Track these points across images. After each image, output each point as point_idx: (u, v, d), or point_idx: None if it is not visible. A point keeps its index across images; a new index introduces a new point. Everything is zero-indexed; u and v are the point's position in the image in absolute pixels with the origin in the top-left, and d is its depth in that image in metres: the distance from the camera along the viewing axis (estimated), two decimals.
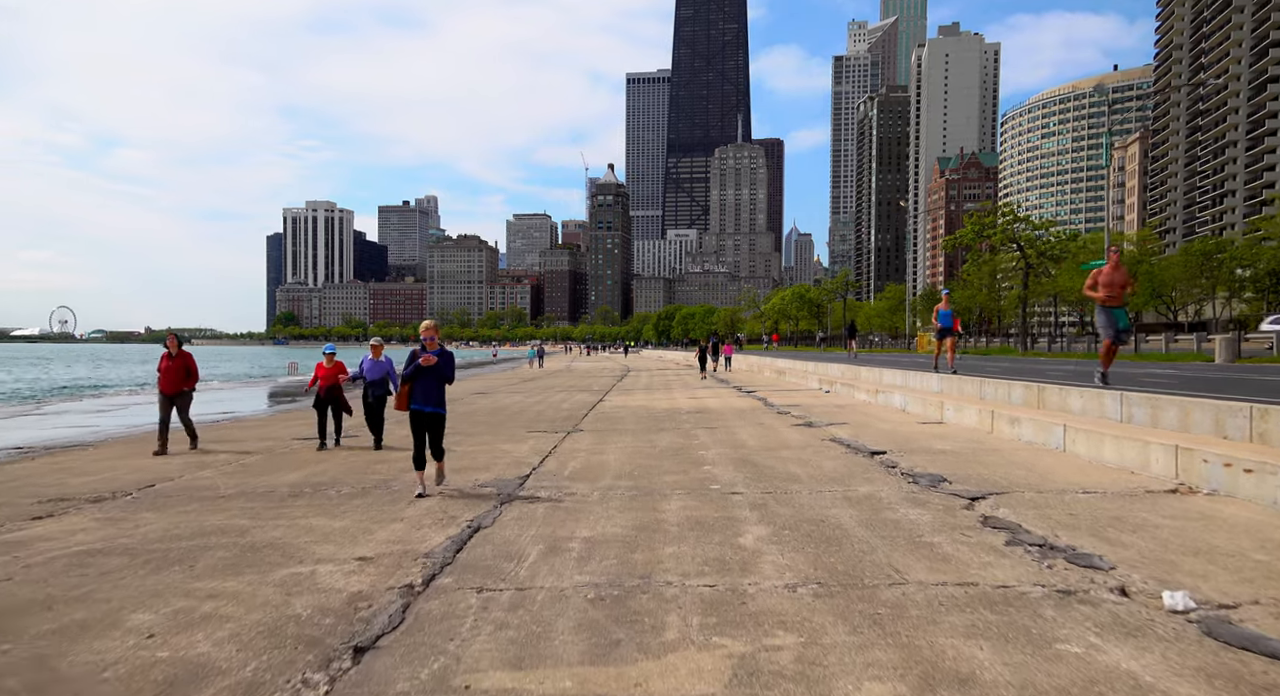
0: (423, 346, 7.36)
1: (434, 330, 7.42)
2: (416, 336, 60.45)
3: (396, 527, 5.93)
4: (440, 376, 7.29)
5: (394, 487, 7.79)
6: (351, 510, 6.66)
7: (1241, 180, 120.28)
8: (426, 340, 7.36)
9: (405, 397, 7.34)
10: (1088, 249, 48.28)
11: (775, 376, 30.01)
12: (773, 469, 8.38)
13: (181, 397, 11.40)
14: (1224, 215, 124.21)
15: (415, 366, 7.16)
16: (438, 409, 7.33)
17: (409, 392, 7.27)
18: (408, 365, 7.26)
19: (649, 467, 8.68)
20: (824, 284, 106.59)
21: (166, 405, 11.35)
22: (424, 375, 7.19)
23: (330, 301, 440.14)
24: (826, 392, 20.36)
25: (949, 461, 8.46)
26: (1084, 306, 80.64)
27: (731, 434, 11.81)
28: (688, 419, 14.42)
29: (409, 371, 7.20)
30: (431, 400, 7.28)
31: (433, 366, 7.18)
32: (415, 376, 7.20)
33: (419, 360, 7.12)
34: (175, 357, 11.35)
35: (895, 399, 15.23)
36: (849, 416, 13.96)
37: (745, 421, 13.66)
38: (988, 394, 12.71)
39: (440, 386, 7.33)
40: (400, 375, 7.32)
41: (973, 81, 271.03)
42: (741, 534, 5.51)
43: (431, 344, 7.34)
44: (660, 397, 20.62)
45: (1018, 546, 4.94)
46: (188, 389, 11.47)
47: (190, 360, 11.56)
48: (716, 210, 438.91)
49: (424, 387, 7.21)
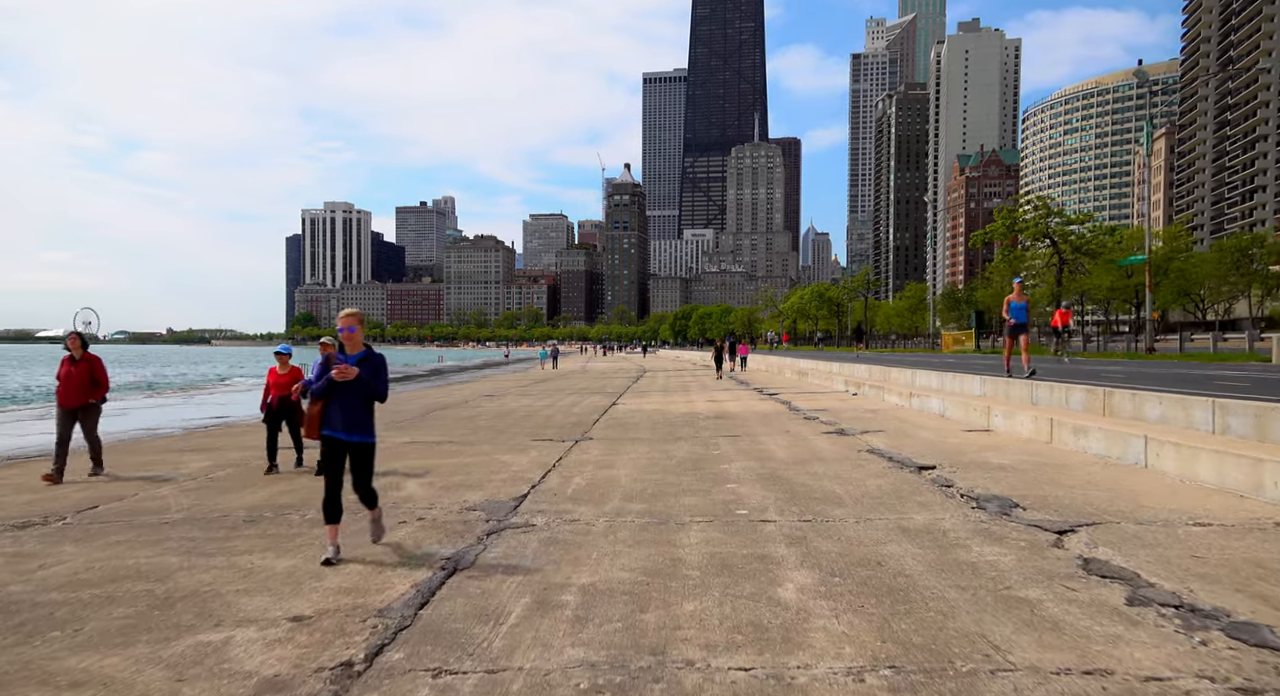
0: (340, 348, 5.31)
1: (355, 320, 5.24)
2: (433, 336, 59.12)
3: (353, 570, 4.85)
4: (365, 392, 5.23)
5: None
6: (309, 542, 5.60)
7: (1273, 175, 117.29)
8: (344, 336, 5.24)
9: (316, 421, 5.19)
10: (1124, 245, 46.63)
11: (797, 377, 28.80)
12: (807, 488, 7.24)
13: (87, 412, 9.05)
14: (1254, 211, 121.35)
15: (328, 379, 5.12)
16: (363, 436, 5.24)
17: (321, 414, 5.18)
18: (318, 375, 5.27)
19: (664, 485, 7.57)
20: (844, 282, 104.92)
21: (66, 421, 8.93)
22: (341, 391, 5.15)
23: (348, 302, 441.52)
24: (854, 395, 19.16)
25: (1013, 480, 7.29)
26: (1111, 304, 78.72)
27: (756, 443, 10.67)
28: (707, 425, 13.30)
29: (320, 384, 5.17)
30: (353, 424, 5.18)
31: (352, 381, 5.11)
32: (328, 392, 5.15)
33: (332, 371, 5.08)
34: (79, 362, 8.99)
35: (932, 403, 14.03)
36: (883, 423, 12.78)
37: (770, 428, 12.51)
38: (1041, 398, 11.48)
39: (366, 406, 5.27)
40: (310, 390, 5.28)
41: (993, 78, 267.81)
42: (780, 581, 4.39)
43: (352, 343, 5.24)
44: (677, 400, 19.51)
45: (1146, 608, 3.79)
46: (95, 401, 9.13)
47: (98, 366, 9.14)
48: (733, 210, 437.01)
49: (342, 407, 5.15)
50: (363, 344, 5.31)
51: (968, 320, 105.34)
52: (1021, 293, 14.52)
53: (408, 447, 11.11)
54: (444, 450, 10.76)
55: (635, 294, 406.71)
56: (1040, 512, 5.90)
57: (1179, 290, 69.39)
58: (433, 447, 11.07)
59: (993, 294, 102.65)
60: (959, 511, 6.08)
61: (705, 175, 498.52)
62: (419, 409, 19.10)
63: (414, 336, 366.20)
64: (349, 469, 5.22)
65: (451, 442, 11.70)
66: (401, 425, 14.79)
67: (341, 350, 5.31)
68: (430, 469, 9.00)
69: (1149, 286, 28.68)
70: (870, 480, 7.56)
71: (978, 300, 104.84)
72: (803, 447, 10.09)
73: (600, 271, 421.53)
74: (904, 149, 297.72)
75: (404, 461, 9.68)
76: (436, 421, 15.52)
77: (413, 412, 17.96)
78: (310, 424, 5.19)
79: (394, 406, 20.48)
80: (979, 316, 41.18)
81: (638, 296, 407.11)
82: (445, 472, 8.70)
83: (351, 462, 5.24)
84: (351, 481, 5.24)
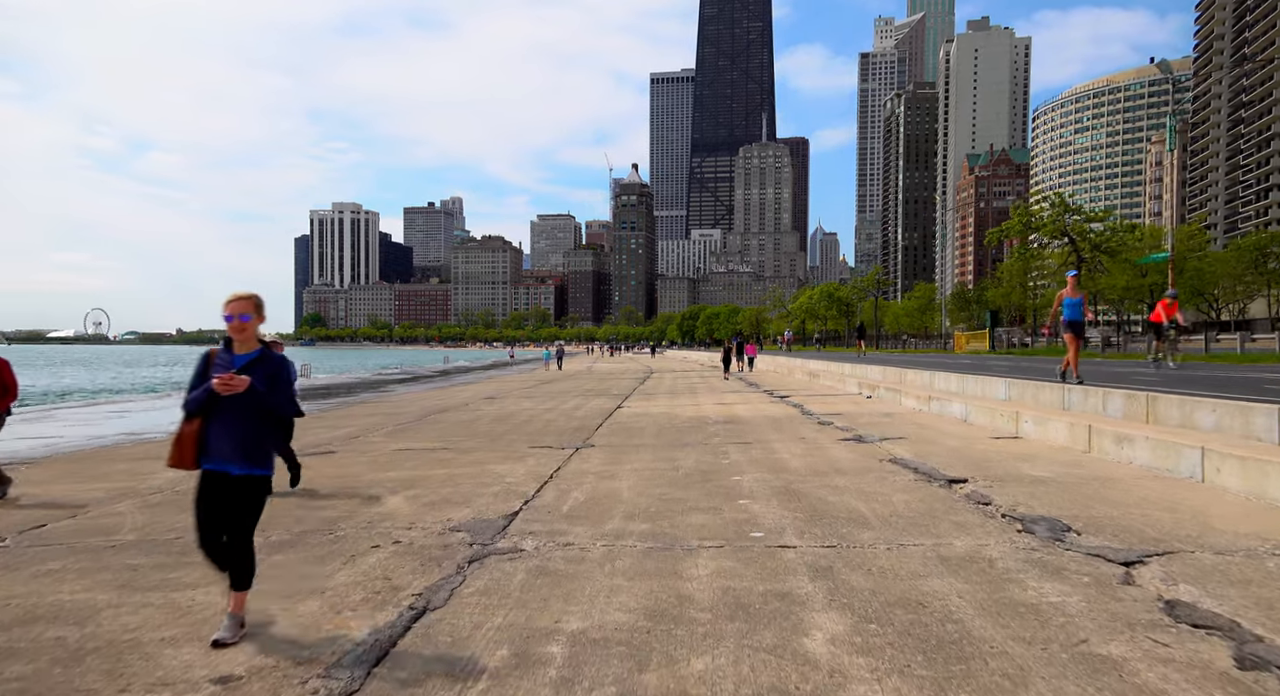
0: (226, 345, 3.86)
1: (248, 307, 3.79)
2: (440, 336, 57.44)
3: (310, 608, 4.18)
4: (258, 407, 3.74)
5: (340, 531, 6.04)
6: (266, 571, 4.92)
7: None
8: (232, 328, 3.78)
9: (189, 445, 3.72)
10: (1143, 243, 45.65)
11: (808, 379, 28.06)
12: (828, 504, 6.54)
13: None
14: (1269, 209, 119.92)
15: (205, 390, 3.67)
16: (253, 467, 3.75)
17: (197, 435, 3.74)
18: (194, 383, 3.78)
19: (670, 501, 6.88)
20: (853, 282, 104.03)
21: None
22: (225, 407, 3.70)
23: (356, 303, 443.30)
24: (868, 398, 18.43)
25: (1057, 496, 6.57)
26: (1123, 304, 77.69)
27: (769, 451, 9.97)
28: (716, 430, 12.60)
29: (195, 397, 3.73)
30: (241, 452, 3.71)
31: (239, 394, 3.64)
32: (207, 407, 3.71)
33: (212, 380, 3.63)
34: None
35: (954, 407, 13.29)
36: (903, 429, 12.05)
37: (783, 434, 11.81)
38: (1074, 403, 10.74)
39: (260, 426, 3.79)
40: (184, 401, 3.81)
41: (1003, 77, 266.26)
42: (805, 628, 3.70)
43: (243, 338, 3.81)
44: (685, 403, 18.81)
45: (1265, 672, 3.08)
46: None
47: (6, 371, 7.89)
48: (741, 210, 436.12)
49: (226, 429, 3.71)
50: (258, 340, 3.90)
51: (978, 320, 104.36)
52: (1076, 287, 12.88)
53: (399, 456, 10.45)
54: (436, 458, 10.10)
55: (643, 294, 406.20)
56: (1098, 537, 5.18)
57: (1193, 290, 68.34)
58: (425, 455, 10.40)
59: (1003, 293, 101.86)
60: (1003, 535, 5.37)
61: (713, 175, 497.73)
62: (418, 412, 18.46)
63: (421, 337, 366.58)
64: (228, 513, 3.73)
65: (446, 449, 11.04)
66: (397, 430, 14.15)
67: (228, 348, 3.86)
68: (418, 480, 8.33)
69: (1171, 285, 27.79)
70: (897, 496, 6.85)
71: (989, 300, 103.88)
72: (819, 457, 9.38)
73: (608, 272, 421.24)
74: (913, 148, 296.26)
75: (392, 472, 9.01)
76: (433, 426, 14.87)
77: (411, 416, 17.32)
78: (181, 450, 3.73)
79: (392, 410, 19.86)
80: (993, 316, 40.29)
81: (645, 297, 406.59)
82: (433, 485, 8.03)
83: (232, 504, 3.71)
84: (228, 531, 3.73)
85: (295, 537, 5.84)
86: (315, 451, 11.14)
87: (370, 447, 11.52)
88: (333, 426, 15.47)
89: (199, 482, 3.79)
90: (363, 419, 17.27)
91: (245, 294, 3.88)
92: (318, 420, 17.65)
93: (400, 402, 22.51)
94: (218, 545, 3.77)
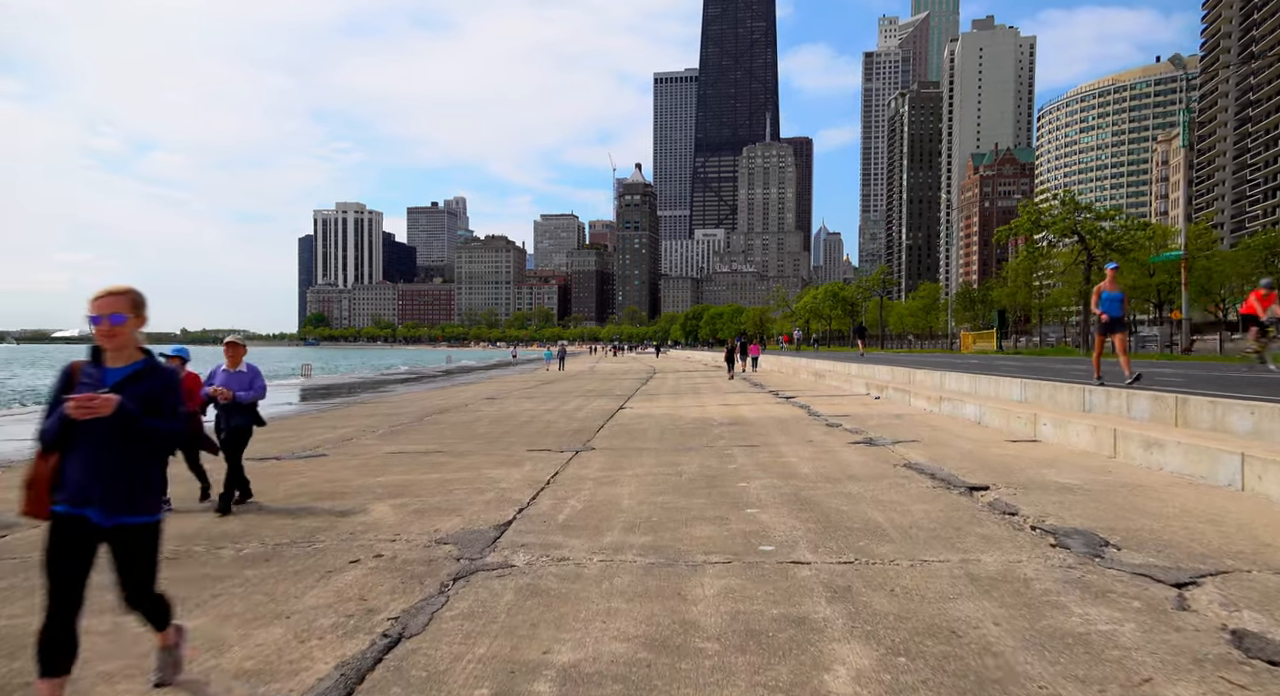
0: (93, 356, 3.01)
1: (121, 305, 2.96)
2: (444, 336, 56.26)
3: (273, 636, 3.76)
4: (131, 435, 2.89)
5: (319, 542, 5.62)
6: (233, 590, 4.51)
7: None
8: (99, 332, 2.92)
9: (43, 488, 2.91)
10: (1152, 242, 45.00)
11: (814, 379, 27.62)
12: (842, 515, 6.11)
13: None
14: (1277, 208, 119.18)
15: (59, 417, 2.84)
16: (133, 515, 2.92)
17: (53, 473, 2.92)
18: (50, 405, 2.93)
19: (673, 510, 6.45)
20: (859, 281, 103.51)
21: None
22: (87, 436, 2.86)
23: (360, 302, 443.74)
24: (876, 399, 17.98)
25: (1088, 506, 6.13)
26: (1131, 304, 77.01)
27: (777, 454, 9.54)
28: (721, 432, 12.18)
29: (50, 424, 2.89)
30: (111, 493, 2.89)
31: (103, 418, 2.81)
32: (64, 436, 2.88)
33: (66, 403, 2.79)
34: None
35: (967, 409, 12.85)
36: (915, 431, 11.61)
37: (790, 437, 11.38)
38: (1095, 405, 10.30)
39: (137, 461, 2.94)
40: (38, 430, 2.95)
41: (1007, 76, 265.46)
42: (826, 662, 3.27)
43: (115, 346, 2.97)
44: (688, 404, 18.39)
45: None
46: None
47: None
48: (745, 209, 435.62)
49: (85, 463, 2.88)
50: (139, 349, 3.04)
51: (984, 320, 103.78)
52: (1116, 280, 11.87)
53: (392, 459, 10.04)
54: (430, 462, 9.69)
55: (646, 294, 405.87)
56: (1141, 554, 4.75)
57: (1200, 289, 67.72)
58: (418, 459, 9.99)
59: (1009, 293, 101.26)
60: (1036, 550, 4.94)
61: (716, 175, 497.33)
62: (415, 412, 18.07)
63: (425, 337, 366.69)
64: (113, 569, 2.92)
65: (441, 452, 10.63)
66: (393, 432, 13.75)
67: (96, 359, 2.99)
68: (409, 486, 7.92)
69: (1185, 284, 27.26)
70: (916, 505, 6.42)
71: (994, 299, 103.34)
72: (830, 461, 8.95)
73: (611, 271, 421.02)
74: (917, 148, 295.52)
75: (382, 477, 8.61)
76: (430, 427, 14.47)
77: (409, 417, 16.93)
78: (34, 494, 2.90)
79: (390, 411, 19.48)
80: (1001, 315, 39.76)
81: (649, 296, 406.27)
82: (424, 491, 7.62)
83: (114, 559, 2.92)
84: (118, 591, 2.97)
85: (271, 551, 5.42)
86: (306, 454, 10.75)
87: (363, 450, 11.12)
88: (329, 427, 15.09)
89: (48, 533, 2.85)
90: (360, 420, 16.89)
91: (119, 288, 2.96)
92: (315, 420, 17.27)
93: (400, 403, 22.13)
94: (65, 630, 2.78)
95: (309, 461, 10.02)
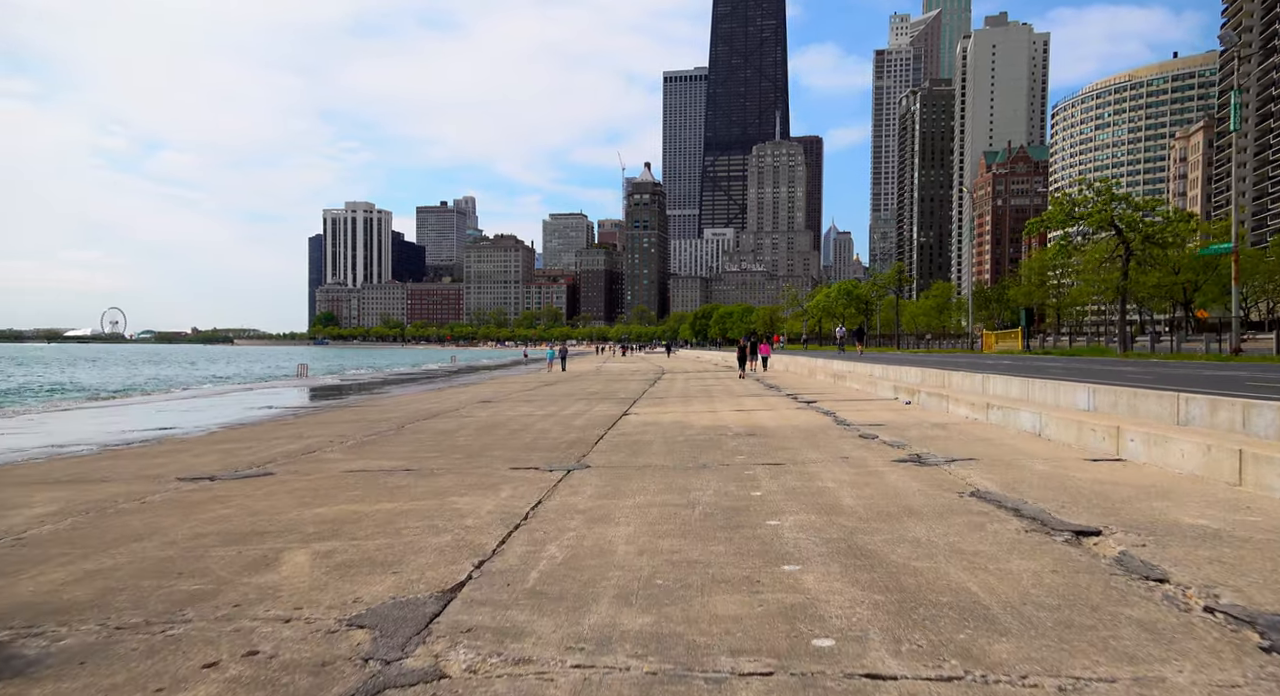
0: None
1: None
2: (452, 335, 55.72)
3: None
4: None
5: (182, 622, 3.96)
6: None
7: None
8: None
9: None
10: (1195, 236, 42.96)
11: (832, 381, 25.89)
12: (918, 578, 4.42)
13: None
14: None
15: None
16: None
17: None
18: None
19: (684, 565, 4.77)
20: (874, 277, 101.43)
21: None
22: None
23: (369, 302, 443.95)
24: (907, 405, 16.26)
25: (1259, 564, 4.42)
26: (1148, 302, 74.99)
27: (809, 477, 7.85)
28: (739, 446, 10.49)
29: None
30: None
31: None
32: None
33: None
34: None
35: (1022, 418, 11.11)
36: (968, 445, 9.90)
37: (821, 452, 9.68)
38: (1195, 416, 8.55)
39: None
40: None
41: (1020, 73, 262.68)
42: None
43: None
44: (699, 409, 16.71)
45: None
46: None
47: None
48: (754, 208, 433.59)
49: None
50: None
51: (999, 319, 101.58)
52: None
53: (346, 481, 8.39)
54: (390, 486, 8.03)
55: (655, 293, 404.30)
56: None
57: (1224, 288, 65.50)
58: (377, 481, 8.34)
59: (1024, 292, 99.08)
60: (1249, 662, 3.23)
61: (726, 174, 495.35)
62: (400, 418, 16.44)
63: (434, 336, 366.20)
64: None
65: (408, 471, 8.98)
66: (364, 443, 12.11)
67: None
68: (349, 523, 6.26)
69: (1235, 278, 25.28)
70: (1014, 560, 4.72)
71: (1010, 298, 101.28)
72: (877, 487, 7.25)
73: (620, 271, 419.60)
74: (929, 146, 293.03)
75: (322, 507, 6.96)
76: (409, 436, 12.84)
77: (391, 423, 15.31)
78: None
79: (375, 415, 17.88)
80: (1028, 313, 37.85)
81: (658, 296, 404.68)
82: (366, 530, 5.97)
83: None
84: None
85: (102, 641, 3.76)
86: (249, 473, 9.12)
87: (318, 468, 9.47)
88: (295, 436, 13.48)
89: None
90: (336, 426, 15.29)
91: None
92: (284, 427, 15.69)
93: (387, 407, 20.53)
94: None
95: (247, 482, 8.39)
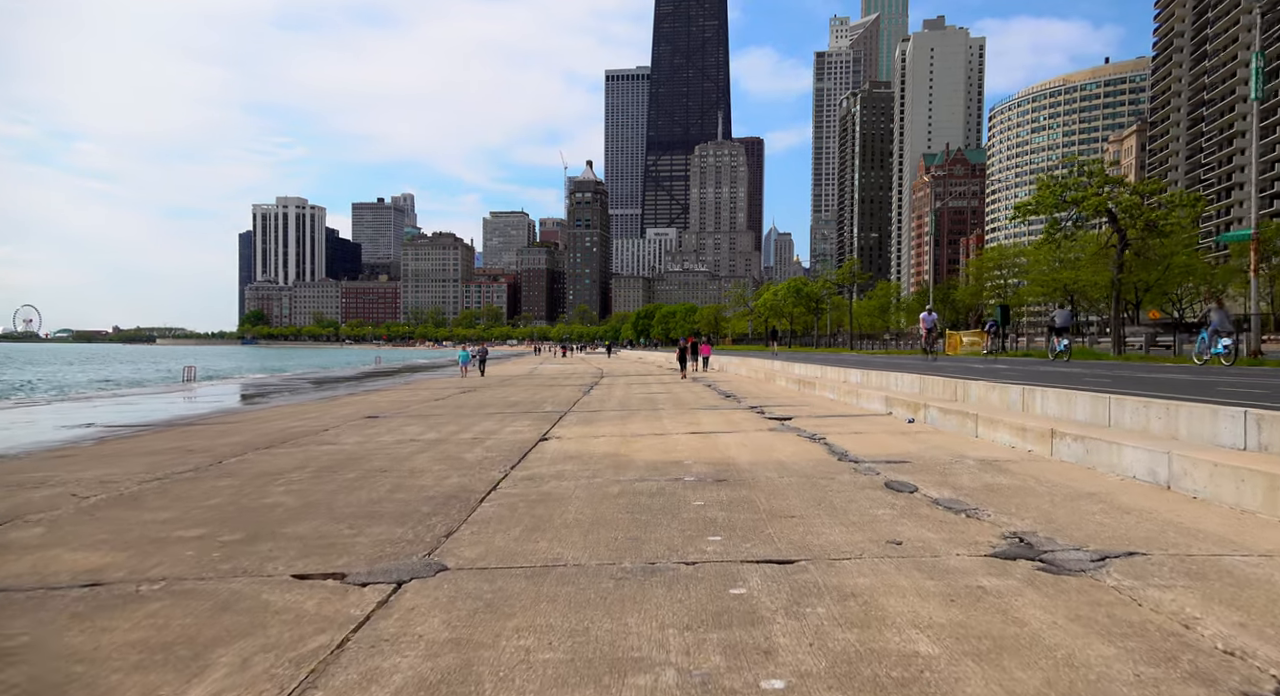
0: None
1: None
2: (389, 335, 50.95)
3: None
4: None
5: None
6: None
7: (1254, 172, 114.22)
8: None
9: None
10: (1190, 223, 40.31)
11: (797, 389, 22.27)
12: None
13: None
14: (1231, 209, 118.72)
15: None
16: None
17: None
18: None
19: None
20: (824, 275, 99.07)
21: None
22: None
23: (301, 300, 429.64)
24: (911, 423, 12.58)
25: None
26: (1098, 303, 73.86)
27: (856, 601, 3.95)
28: (705, 509, 6.53)
29: None
30: None
31: None
32: None
33: None
34: None
35: (1128, 459, 7.44)
36: (1079, 513, 6.15)
37: (843, 524, 5.81)
38: None
39: None
40: None
41: (958, 76, 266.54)
42: None
43: None
44: (642, 429, 12.78)
45: None
46: None
47: None
48: (696, 208, 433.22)
49: None
50: None
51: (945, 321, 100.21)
52: None
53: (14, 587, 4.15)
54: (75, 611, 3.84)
55: (597, 293, 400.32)
56: None
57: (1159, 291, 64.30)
58: (59, 599, 4.13)
59: (970, 292, 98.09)
60: None
61: (668, 174, 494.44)
62: (232, 447, 12.08)
63: (369, 335, 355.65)
64: None
65: (124, 580, 4.78)
66: (114, 500, 7.78)
67: None
68: None
69: (1254, 269, 22.58)
70: None
71: (956, 299, 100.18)
72: (1014, 648, 3.37)
73: (562, 270, 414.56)
74: (869, 147, 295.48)
75: None
76: (214, 482, 8.57)
77: (210, 455, 10.97)
78: None
79: (203, 442, 13.46)
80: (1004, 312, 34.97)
81: (600, 296, 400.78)
82: None
83: None
84: None
85: None
86: None
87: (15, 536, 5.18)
88: (38, 484, 9.07)
89: None
90: (127, 460, 10.89)
91: None
92: (45, 463, 11.16)
93: (237, 426, 16.05)
94: None
95: None
